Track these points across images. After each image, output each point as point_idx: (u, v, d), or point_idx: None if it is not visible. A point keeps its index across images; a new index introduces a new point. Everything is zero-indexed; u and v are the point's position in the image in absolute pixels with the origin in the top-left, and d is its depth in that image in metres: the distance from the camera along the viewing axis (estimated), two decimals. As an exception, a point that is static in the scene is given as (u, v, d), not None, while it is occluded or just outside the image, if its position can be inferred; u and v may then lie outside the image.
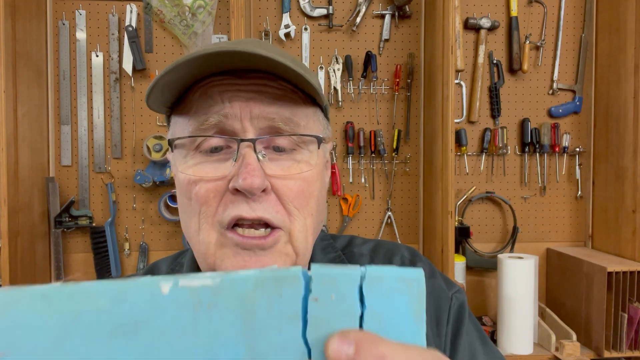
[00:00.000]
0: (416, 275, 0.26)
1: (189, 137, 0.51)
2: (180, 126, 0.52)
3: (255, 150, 0.48)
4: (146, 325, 0.24)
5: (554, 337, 1.49)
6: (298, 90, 0.52)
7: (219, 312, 0.24)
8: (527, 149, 1.75)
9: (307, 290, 0.25)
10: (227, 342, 0.25)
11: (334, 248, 0.62)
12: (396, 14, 1.71)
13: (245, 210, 0.48)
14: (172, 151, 0.53)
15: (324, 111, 0.58)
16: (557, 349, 1.49)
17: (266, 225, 0.49)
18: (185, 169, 0.51)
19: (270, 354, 0.25)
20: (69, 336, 0.24)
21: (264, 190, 0.48)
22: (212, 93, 0.50)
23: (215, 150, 0.50)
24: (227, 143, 0.50)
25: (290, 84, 0.52)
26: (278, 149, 0.51)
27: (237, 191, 0.48)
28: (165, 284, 0.24)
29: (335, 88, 1.71)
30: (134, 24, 1.64)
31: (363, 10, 1.70)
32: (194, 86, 0.52)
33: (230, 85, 0.50)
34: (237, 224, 0.49)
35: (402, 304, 0.26)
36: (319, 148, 0.53)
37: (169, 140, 0.53)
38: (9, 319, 0.23)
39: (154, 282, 0.24)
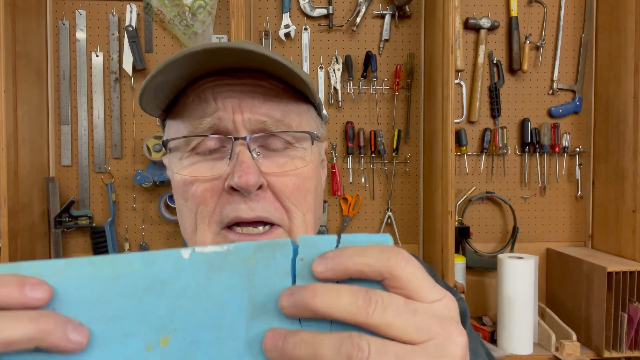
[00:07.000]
0: (384, 239, 0.31)
1: (183, 137, 0.51)
2: (175, 129, 0.52)
3: (249, 149, 0.48)
4: (171, 284, 0.30)
5: (554, 337, 1.49)
6: (290, 89, 0.52)
7: (227, 272, 0.30)
8: (527, 149, 1.75)
9: (296, 254, 0.30)
10: (233, 296, 0.30)
11: None
12: (396, 14, 1.71)
13: (244, 210, 0.48)
14: (167, 153, 0.53)
15: (317, 109, 0.58)
16: (557, 349, 1.49)
17: (264, 222, 0.49)
18: (181, 169, 0.51)
19: (267, 305, 0.30)
20: (110, 293, 0.29)
21: (260, 188, 0.48)
22: (206, 95, 0.50)
23: (210, 152, 0.51)
24: (222, 143, 0.50)
25: (281, 83, 0.52)
26: (272, 147, 0.51)
27: (233, 190, 0.48)
28: (185, 251, 0.30)
29: (335, 88, 1.70)
30: (134, 24, 1.64)
31: (363, 10, 1.70)
32: (187, 89, 0.52)
33: (222, 86, 0.50)
34: (235, 223, 0.49)
35: None
36: (312, 144, 0.53)
37: (163, 141, 0.53)
38: (61, 280, 0.29)
39: (176, 250, 0.30)
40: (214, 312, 0.30)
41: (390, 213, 1.75)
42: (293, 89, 0.52)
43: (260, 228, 0.49)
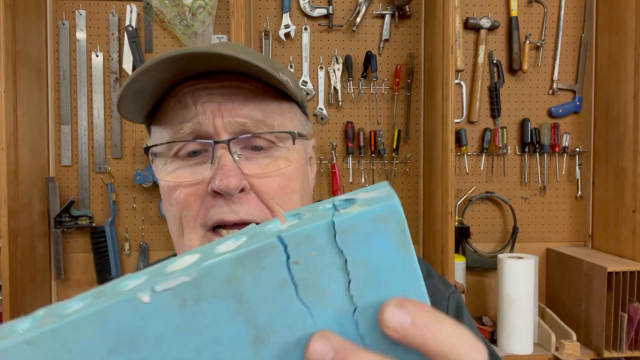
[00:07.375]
0: (389, 210, 0.24)
1: (165, 143, 0.51)
2: (159, 135, 0.52)
3: (230, 152, 0.48)
4: (141, 336, 0.24)
5: (554, 337, 1.49)
6: (271, 89, 0.52)
7: (207, 301, 0.24)
8: (527, 149, 1.75)
9: (287, 255, 0.24)
10: (226, 325, 0.25)
11: None
12: (396, 14, 1.71)
13: (227, 213, 0.48)
14: (153, 160, 0.53)
15: (301, 107, 0.57)
16: (557, 349, 1.49)
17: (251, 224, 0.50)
18: (165, 175, 0.51)
19: (273, 323, 0.25)
20: None
21: (242, 190, 0.48)
22: (186, 100, 0.50)
23: (193, 154, 0.50)
24: (204, 147, 0.50)
25: (262, 83, 0.51)
26: (255, 148, 0.51)
27: (216, 193, 0.48)
28: (142, 294, 0.24)
29: (335, 88, 1.70)
30: (134, 24, 1.64)
31: (363, 10, 1.70)
32: (168, 94, 0.51)
33: (202, 90, 0.50)
34: (220, 225, 0.49)
35: (383, 243, 0.25)
36: (293, 143, 0.53)
37: (144, 148, 0.53)
38: None
39: (131, 296, 0.24)
40: (209, 349, 0.25)
41: (390, 213, 1.75)
42: (275, 88, 0.52)
43: None
